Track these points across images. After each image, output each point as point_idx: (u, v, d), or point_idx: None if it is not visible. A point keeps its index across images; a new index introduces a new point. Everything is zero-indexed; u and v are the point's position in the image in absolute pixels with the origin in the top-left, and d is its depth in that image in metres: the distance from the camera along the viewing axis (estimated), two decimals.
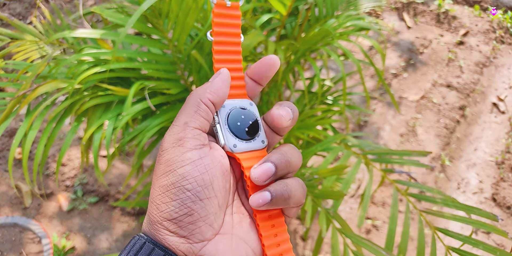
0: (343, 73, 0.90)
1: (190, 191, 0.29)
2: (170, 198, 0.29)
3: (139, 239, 0.30)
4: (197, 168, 0.30)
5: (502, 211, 1.66)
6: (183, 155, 0.30)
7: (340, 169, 0.78)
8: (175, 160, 0.30)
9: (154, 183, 0.31)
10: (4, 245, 1.45)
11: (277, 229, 0.33)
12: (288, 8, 0.95)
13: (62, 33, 0.81)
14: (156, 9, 0.84)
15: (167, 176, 0.30)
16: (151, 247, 0.29)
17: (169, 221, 0.29)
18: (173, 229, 0.29)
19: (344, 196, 0.72)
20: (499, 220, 0.68)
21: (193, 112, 0.31)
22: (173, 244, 0.29)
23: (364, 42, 2.27)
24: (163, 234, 0.30)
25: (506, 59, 2.27)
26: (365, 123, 1.96)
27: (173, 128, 0.31)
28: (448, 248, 0.70)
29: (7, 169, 1.68)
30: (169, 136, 0.31)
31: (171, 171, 0.30)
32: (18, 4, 2.38)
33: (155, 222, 0.30)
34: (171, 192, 0.29)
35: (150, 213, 0.31)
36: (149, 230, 0.31)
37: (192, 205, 0.29)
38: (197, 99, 0.32)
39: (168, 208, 0.29)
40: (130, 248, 0.30)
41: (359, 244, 0.67)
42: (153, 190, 0.31)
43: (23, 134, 0.81)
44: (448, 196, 0.76)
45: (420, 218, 0.77)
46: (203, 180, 0.30)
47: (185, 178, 0.29)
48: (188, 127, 0.31)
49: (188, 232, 0.30)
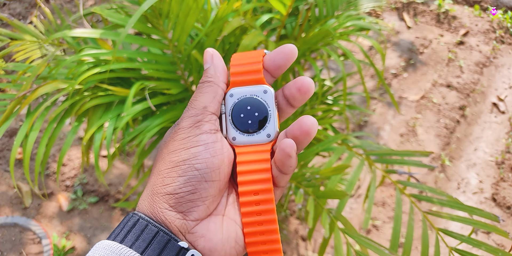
0: (343, 73, 0.90)
1: (199, 170, 0.30)
2: (178, 174, 0.30)
3: (133, 216, 0.31)
4: (209, 151, 0.31)
5: (502, 211, 1.66)
6: (199, 136, 0.31)
7: (341, 169, 0.78)
8: (190, 140, 0.31)
9: (164, 157, 0.32)
10: (4, 245, 1.45)
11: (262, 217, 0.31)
12: (288, 8, 0.95)
13: (62, 32, 0.81)
14: (156, 9, 0.84)
15: (179, 153, 0.31)
16: (144, 223, 0.30)
17: (172, 195, 0.30)
18: (173, 203, 0.30)
19: (346, 196, 0.72)
20: (500, 221, 0.68)
21: (212, 97, 0.32)
22: (170, 218, 0.30)
23: (364, 42, 2.27)
24: (162, 208, 0.30)
25: (506, 59, 2.27)
26: (365, 123, 1.96)
27: (190, 110, 0.32)
28: (451, 249, 0.70)
29: (6, 169, 1.68)
30: (188, 118, 0.32)
31: (184, 148, 0.31)
32: (18, 4, 2.38)
33: (156, 194, 0.31)
34: (180, 168, 0.30)
35: (154, 184, 0.31)
36: (148, 202, 0.31)
37: (197, 184, 0.30)
38: (215, 85, 0.33)
39: (173, 183, 0.30)
40: (123, 225, 0.31)
41: (364, 245, 0.67)
42: (162, 162, 0.32)
43: (24, 135, 0.81)
44: (451, 197, 0.76)
45: (423, 219, 0.77)
46: (213, 163, 0.31)
47: (196, 157, 0.30)
48: (206, 111, 0.32)
49: (186, 209, 0.30)
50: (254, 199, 0.31)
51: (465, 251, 0.68)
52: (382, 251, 0.64)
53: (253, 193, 0.31)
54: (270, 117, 0.33)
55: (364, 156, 0.91)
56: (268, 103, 0.33)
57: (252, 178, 0.31)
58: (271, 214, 0.31)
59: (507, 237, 0.67)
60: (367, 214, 0.78)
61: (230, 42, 0.98)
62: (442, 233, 0.74)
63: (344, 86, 0.92)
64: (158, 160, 0.33)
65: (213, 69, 0.34)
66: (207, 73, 0.34)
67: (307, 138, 0.31)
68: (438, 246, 0.72)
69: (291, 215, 1.59)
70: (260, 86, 0.33)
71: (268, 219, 0.31)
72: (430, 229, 1.46)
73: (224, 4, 0.87)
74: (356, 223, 1.60)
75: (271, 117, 0.33)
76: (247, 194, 0.31)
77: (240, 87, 0.33)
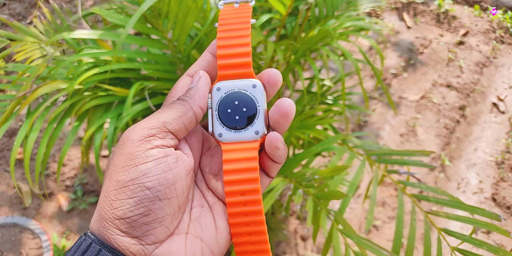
0: (342, 74, 0.90)
1: (150, 189, 0.27)
2: (127, 195, 0.27)
3: (86, 239, 0.28)
4: (160, 166, 0.28)
5: (502, 211, 1.66)
6: (148, 151, 0.28)
7: (341, 169, 0.78)
8: (139, 155, 0.28)
9: (110, 175, 0.29)
10: (4, 245, 1.45)
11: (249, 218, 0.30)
12: (288, 8, 0.95)
13: (61, 34, 0.81)
14: (155, 9, 0.84)
15: (126, 171, 0.28)
16: (98, 248, 0.27)
17: (122, 219, 0.27)
18: (125, 228, 0.27)
19: (345, 197, 0.72)
20: (502, 220, 0.68)
21: (177, 116, 0.30)
22: (123, 245, 0.27)
23: (364, 42, 2.27)
24: (113, 234, 0.27)
25: (506, 59, 2.26)
26: (365, 123, 1.96)
27: (147, 121, 0.29)
28: (453, 249, 0.70)
29: (6, 169, 1.68)
30: (141, 129, 0.29)
31: (132, 165, 0.28)
32: (18, 4, 2.38)
33: (105, 219, 0.28)
34: (128, 189, 0.27)
35: (102, 208, 0.28)
36: (97, 227, 0.28)
37: (150, 205, 0.27)
38: (187, 105, 0.30)
39: (123, 206, 0.27)
40: (76, 248, 0.28)
41: (363, 246, 0.67)
42: (108, 182, 0.28)
43: (24, 135, 0.81)
44: (452, 196, 0.76)
45: (425, 219, 0.77)
46: (166, 179, 0.28)
47: (146, 175, 0.27)
48: (164, 127, 0.29)
49: (142, 233, 0.28)
50: (241, 199, 0.29)
51: (467, 250, 0.68)
52: (381, 252, 0.64)
53: (240, 194, 0.29)
54: (259, 113, 0.31)
55: (365, 156, 0.91)
56: (257, 98, 0.31)
57: (239, 178, 0.29)
58: (258, 215, 0.29)
59: (509, 236, 0.67)
60: (369, 215, 0.78)
61: None
62: (444, 233, 0.75)
63: (342, 86, 0.92)
64: (106, 178, 0.29)
65: (194, 90, 0.31)
66: (187, 92, 0.31)
67: (287, 120, 0.31)
68: (440, 246, 0.72)
69: (291, 215, 1.59)
70: (249, 80, 0.31)
71: (256, 220, 0.30)
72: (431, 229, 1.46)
73: None
74: (356, 223, 1.60)
75: (259, 113, 0.31)
76: (234, 195, 0.29)
77: (228, 81, 0.31)
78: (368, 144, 0.98)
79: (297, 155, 0.91)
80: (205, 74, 0.32)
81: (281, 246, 1.49)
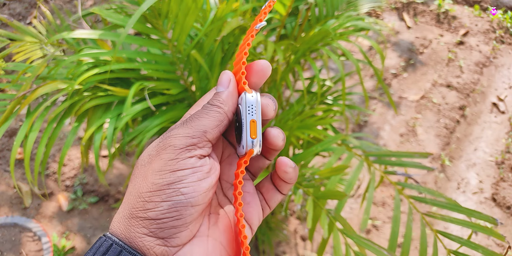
0: (342, 74, 0.90)
1: (185, 195, 0.28)
2: (161, 198, 0.28)
3: (106, 240, 0.28)
4: (196, 174, 0.29)
5: (502, 211, 1.66)
6: (187, 160, 0.29)
7: (340, 169, 0.78)
8: (178, 162, 0.29)
9: (146, 176, 0.29)
10: (4, 245, 1.45)
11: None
12: (288, 8, 0.95)
13: (61, 34, 0.81)
14: (155, 9, 0.84)
15: (164, 175, 0.28)
16: (119, 249, 0.28)
17: (153, 220, 0.28)
18: (154, 229, 0.28)
19: (345, 196, 0.72)
20: (499, 223, 0.68)
21: (215, 125, 0.30)
22: (148, 244, 0.28)
23: (364, 42, 2.27)
24: (140, 232, 0.28)
25: (506, 59, 2.26)
26: (365, 123, 1.96)
27: (189, 128, 0.30)
28: (450, 252, 0.70)
29: (6, 169, 1.68)
30: (183, 137, 0.29)
31: (170, 171, 0.29)
32: (18, 4, 2.38)
33: (135, 217, 0.28)
34: (163, 192, 0.28)
35: (133, 207, 0.29)
36: (124, 225, 0.29)
37: (182, 210, 0.28)
38: (224, 114, 0.31)
39: (156, 208, 0.28)
40: (95, 250, 0.28)
41: (363, 245, 0.67)
42: (143, 183, 0.29)
43: (24, 135, 0.81)
44: (449, 199, 0.76)
45: (422, 221, 0.77)
46: (200, 186, 0.29)
47: (182, 181, 0.28)
48: (205, 136, 0.30)
49: (169, 235, 0.28)
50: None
51: (464, 254, 0.69)
52: (380, 252, 0.64)
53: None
54: (242, 127, 0.30)
55: (363, 157, 0.91)
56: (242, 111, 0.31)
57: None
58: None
59: (503, 240, 0.67)
60: (365, 215, 0.79)
61: (229, 42, 0.98)
62: (440, 235, 0.75)
63: (343, 86, 0.92)
64: (138, 177, 0.30)
65: (227, 95, 0.31)
66: (220, 97, 0.31)
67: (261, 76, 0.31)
68: (436, 248, 0.73)
69: (291, 215, 1.59)
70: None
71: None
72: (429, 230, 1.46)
73: (223, 4, 0.87)
74: (356, 223, 1.60)
75: (243, 127, 0.30)
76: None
77: None
78: (367, 145, 0.98)
79: (297, 155, 0.91)
80: (233, 76, 0.32)
81: (281, 246, 1.49)
